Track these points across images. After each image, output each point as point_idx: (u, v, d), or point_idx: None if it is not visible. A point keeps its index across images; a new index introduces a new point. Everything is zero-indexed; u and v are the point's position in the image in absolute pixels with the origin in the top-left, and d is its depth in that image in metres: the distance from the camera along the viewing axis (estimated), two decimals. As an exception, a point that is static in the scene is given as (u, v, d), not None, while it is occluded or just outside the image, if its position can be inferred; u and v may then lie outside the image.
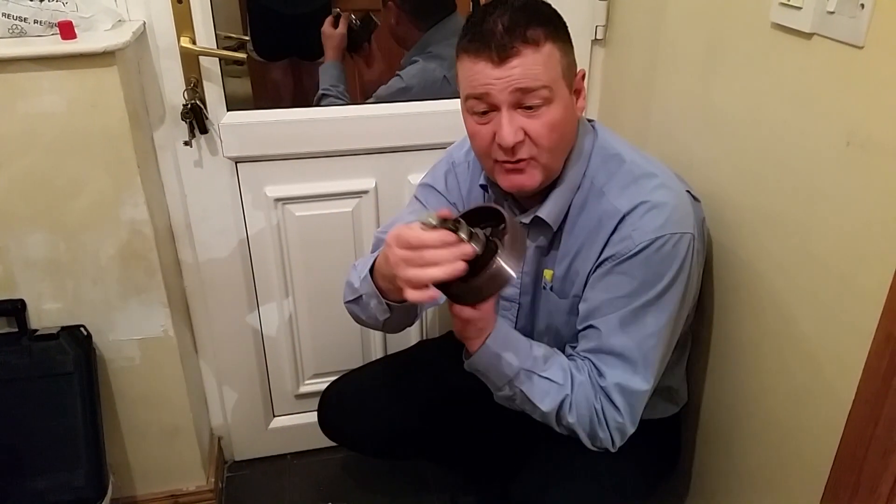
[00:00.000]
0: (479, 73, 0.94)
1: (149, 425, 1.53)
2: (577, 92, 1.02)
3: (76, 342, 1.33)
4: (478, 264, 0.87)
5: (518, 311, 1.18)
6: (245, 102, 1.58)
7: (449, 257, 0.83)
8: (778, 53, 0.98)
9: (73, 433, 1.31)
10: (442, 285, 0.87)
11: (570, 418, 1.02)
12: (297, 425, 1.79)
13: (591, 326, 1.04)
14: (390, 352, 1.71)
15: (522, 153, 0.98)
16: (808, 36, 0.91)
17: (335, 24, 1.63)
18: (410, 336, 1.74)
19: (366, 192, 1.56)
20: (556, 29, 0.96)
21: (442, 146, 1.47)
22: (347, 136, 1.50)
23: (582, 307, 1.06)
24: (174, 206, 1.48)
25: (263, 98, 1.85)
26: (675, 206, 1.01)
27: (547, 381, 1.02)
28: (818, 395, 0.95)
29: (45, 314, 1.35)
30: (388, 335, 1.75)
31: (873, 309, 0.80)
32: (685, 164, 1.21)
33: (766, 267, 1.04)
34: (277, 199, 1.53)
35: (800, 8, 0.91)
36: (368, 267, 1.05)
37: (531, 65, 0.93)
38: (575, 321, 1.09)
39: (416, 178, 1.56)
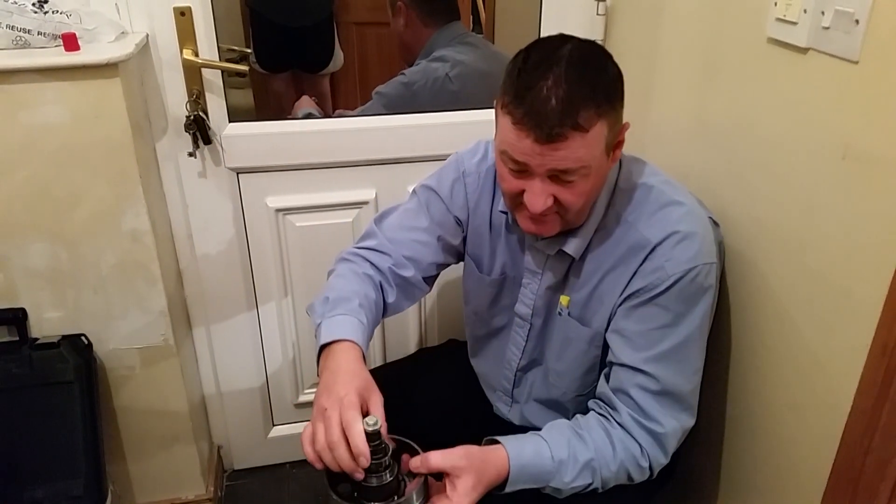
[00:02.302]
0: (521, 144, 0.90)
1: (148, 434, 1.53)
2: (617, 145, 0.97)
3: (77, 351, 1.33)
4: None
5: (529, 331, 1.17)
6: (247, 114, 1.59)
7: (346, 465, 0.85)
8: (774, 68, 0.99)
9: (72, 442, 1.31)
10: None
11: (610, 484, 1.02)
12: (297, 434, 1.76)
13: (630, 366, 1.01)
14: (389, 360, 1.72)
15: (548, 212, 0.96)
16: (804, 51, 0.92)
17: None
18: (409, 344, 1.75)
19: (366, 202, 1.57)
20: (611, 99, 0.91)
21: (442, 158, 1.47)
22: (348, 147, 1.51)
23: (614, 341, 1.04)
24: (175, 217, 1.49)
25: (265, 109, 1.86)
26: (704, 235, 1.00)
27: (589, 476, 1.00)
28: (815, 406, 0.96)
29: (46, 323, 1.35)
30: (387, 344, 1.75)
31: (870, 320, 0.80)
32: (681, 176, 1.21)
33: (763, 279, 1.05)
34: (278, 210, 1.54)
35: (795, 23, 0.92)
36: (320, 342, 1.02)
37: (576, 149, 0.89)
38: (595, 353, 1.08)
39: (416, 189, 1.57)
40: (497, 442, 0.99)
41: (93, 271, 1.34)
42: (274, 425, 1.80)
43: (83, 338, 1.36)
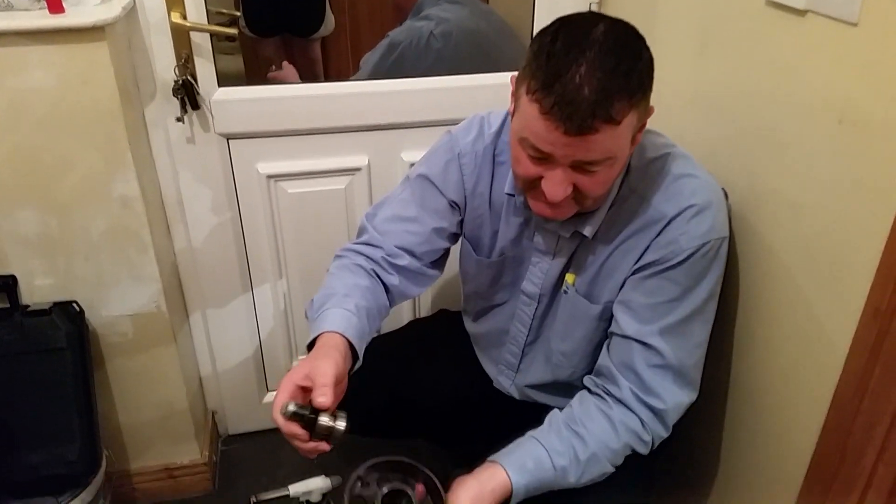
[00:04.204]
0: (547, 133, 0.85)
1: (142, 400, 1.53)
2: (640, 129, 0.93)
3: (68, 318, 1.32)
4: None
5: (536, 309, 1.15)
6: (237, 80, 1.57)
7: (302, 448, 0.89)
8: (771, 31, 0.98)
9: (66, 408, 1.31)
10: None
11: (619, 461, 1.02)
12: (291, 401, 1.80)
13: (634, 339, 1.00)
14: (382, 332, 1.71)
15: (566, 199, 0.92)
16: (802, 13, 0.91)
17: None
18: (402, 316, 1.75)
19: (358, 169, 1.56)
20: (644, 88, 0.87)
21: (435, 124, 1.47)
22: (340, 112, 1.49)
23: (620, 313, 1.03)
24: (166, 183, 1.47)
25: (255, 74, 1.83)
26: (718, 208, 0.98)
27: (595, 467, 1.01)
28: (807, 370, 0.96)
29: (37, 290, 1.35)
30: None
31: (862, 286, 0.80)
32: (682, 146, 1.20)
33: (758, 245, 1.05)
34: (270, 176, 1.52)
35: (794, -16, 0.91)
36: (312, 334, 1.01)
37: (605, 141, 0.85)
38: (604, 329, 1.07)
39: (409, 156, 1.55)
40: (496, 459, 0.99)
41: (83, 238, 1.33)
42: (269, 391, 1.81)
43: (75, 304, 1.35)
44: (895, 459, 0.76)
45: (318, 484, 1.28)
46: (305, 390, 0.89)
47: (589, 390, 1.07)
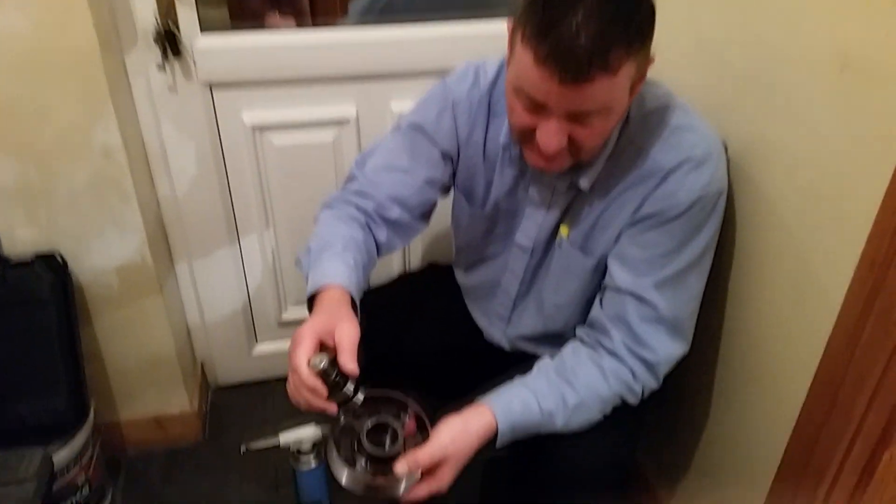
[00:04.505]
0: (541, 82, 0.82)
1: (130, 352, 1.53)
2: (639, 79, 0.90)
3: (51, 270, 1.30)
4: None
5: (529, 262, 1.14)
6: (221, 25, 1.51)
7: (314, 404, 0.89)
8: (773, -25, 0.95)
9: (51, 359, 1.30)
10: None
11: (608, 411, 1.02)
12: (282, 352, 1.78)
13: (628, 292, 1.00)
14: (371, 286, 1.71)
15: (561, 150, 0.90)
16: (805, -44, 0.88)
17: None
18: (392, 268, 1.74)
19: (347, 120, 1.53)
20: (643, 37, 0.84)
21: (427, 73, 1.43)
22: (327, 61, 1.45)
23: (614, 266, 1.02)
24: (148, 133, 1.44)
25: (240, 21, 1.77)
26: (718, 161, 0.97)
27: (583, 414, 1.01)
28: (800, 321, 0.96)
29: (19, 242, 1.32)
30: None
31: (859, 237, 0.80)
32: (677, 93, 1.18)
33: (755, 197, 1.04)
34: (255, 127, 1.49)
35: (798, -74, 0.88)
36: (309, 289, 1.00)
37: (601, 90, 0.82)
38: (598, 282, 1.06)
39: (398, 106, 1.52)
40: (482, 401, 0.99)
41: (65, 188, 1.30)
42: (258, 342, 1.81)
43: (58, 257, 1.33)
44: (885, 409, 0.77)
45: (308, 433, 1.28)
46: (321, 344, 0.91)
47: (581, 341, 1.07)
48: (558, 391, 1.00)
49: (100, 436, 1.48)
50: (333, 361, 0.88)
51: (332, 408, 0.89)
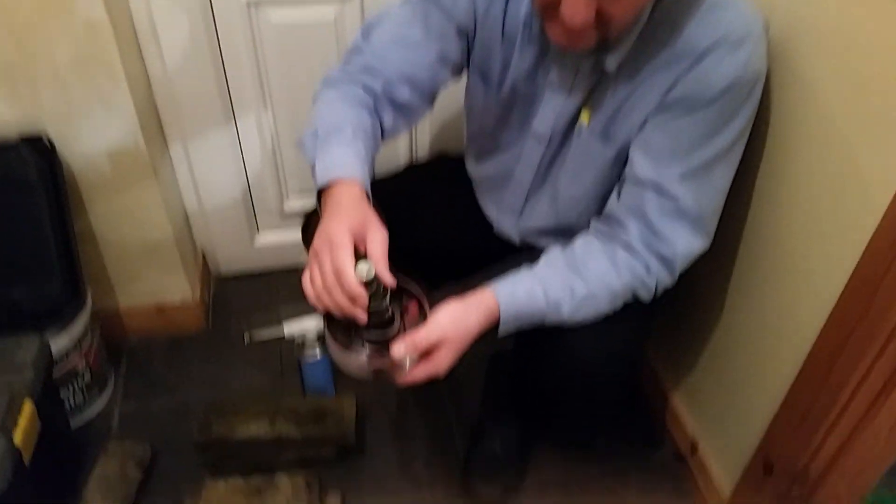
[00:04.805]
0: None
1: (127, 239, 1.48)
2: None
3: (38, 153, 1.23)
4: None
5: (545, 151, 1.06)
6: None
7: (347, 311, 0.85)
8: None
9: (44, 244, 1.25)
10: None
11: (618, 305, 0.98)
12: (285, 242, 1.76)
13: (649, 182, 0.93)
14: (377, 177, 1.64)
15: (587, 26, 0.81)
16: None
17: None
18: (399, 158, 1.67)
19: (349, -7, 1.40)
20: None
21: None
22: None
23: (636, 155, 0.94)
24: (136, 7, 1.32)
25: None
26: (757, 42, 0.88)
27: (591, 306, 0.96)
28: (838, 217, 0.90)
29: (2, 123, 1.24)
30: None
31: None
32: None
33: (797, 83, 0.95)
34: (250, 3, 1.37)
35: None
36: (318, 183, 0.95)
37: None
38: (618, 173, 0.99)
39: (406, -21, 1.39)
40: (486, 287, 0.94)
41: (47, 65, 1.21)
42: (259, 232, 1.76)
43: (45, 139, 1.25)
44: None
45: (313, 324, 1.26)
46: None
47: (594, 233, 1.01)
48: (566, 281, 0.95)
49: (99, 322, 1.46)
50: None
51: (363, 317, 0.86)
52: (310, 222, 1.30)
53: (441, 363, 0.89)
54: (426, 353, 0.89)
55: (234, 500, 1.23)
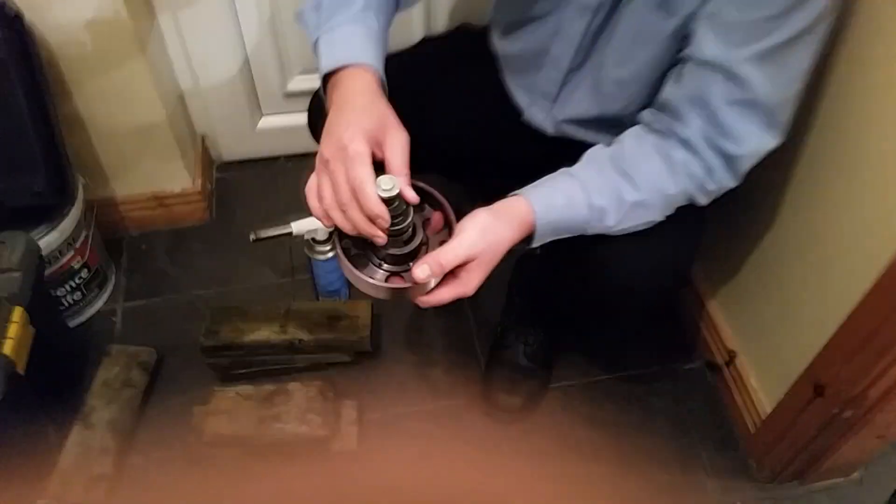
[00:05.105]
0: None
1: (118, 123, 1.34)
2: None
3: (3, 22, 1.07)
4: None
5: (590, 24, 0.89)
6: None
7: (364, 231, 0.73)
8: None
9: (22, 131, 1.11)
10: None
11: (671, 211, 0.86)
12: (289, 126, 1.60)
13: (717, 66, 0.78)
14: (390, 50, 1.46)
15: None
16: None
17: None
18: (413, 31, 1.48)
19: None
20: None
21: None
22: None
23: (702, 31, 0.79)
24: None
25: None
26: None
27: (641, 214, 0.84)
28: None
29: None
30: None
31: None
32: None
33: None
34: None
35: None
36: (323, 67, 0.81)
37: None
38: (677, 51, 0.83)
39: None
40: (519, 192, 0.82)
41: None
42: (263, 115, 1.61)
43: (8, 7, 1.08)
44: None
45: (322, 221, 1.15)
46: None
47: (645, 127, 0.87)
48: (613, 185, 0.82)
49: (94, 215, 1.35)
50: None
51: (382, 238, 0.74)
52: (317, 106, 1.14)
53: (470, 283, 0.79)
54: (452, 272, 0.78)
55: (245, 407, 1.17)
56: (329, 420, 1.17)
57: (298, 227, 1.25)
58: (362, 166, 0.72)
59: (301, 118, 1.13)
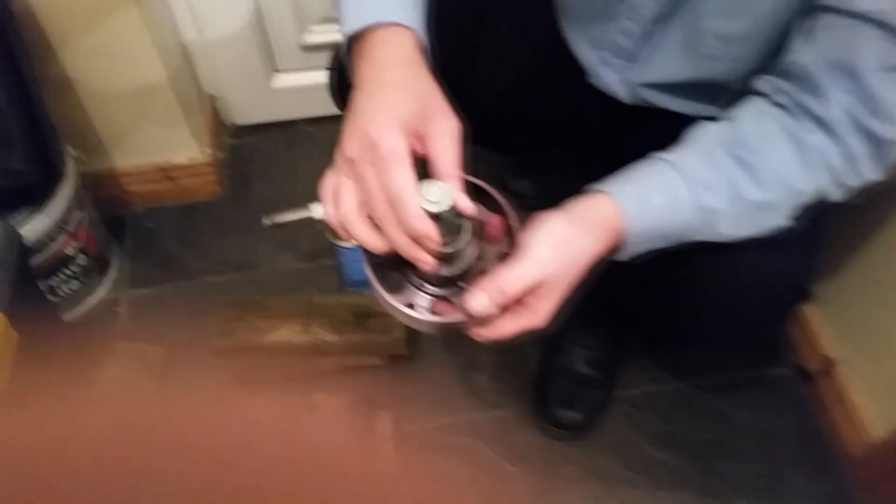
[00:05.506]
0: None
1: (110, 82, 1.17)
2: None
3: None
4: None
5: None
6: None
7: (402, 250, 0.56)
8: None
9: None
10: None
11: (799, 213, 0.66)
12: (308, 85, 1.41)
13: (867, 17, 0.58)
14: None
15: None
16: None
17: None
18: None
19: None
20: None
21: None
22: None
23: None
24: None
25: None
26: None
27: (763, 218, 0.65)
28: None
29: None
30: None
31: None
32: None
33: None
34: None
35: None
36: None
37: None
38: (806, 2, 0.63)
39: None
40: (601, 188, 0.64)
41: None
42: (277, 72, 1.41)
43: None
44: None
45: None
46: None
47: (766, 99, 0.66)
48: (729, 179, 0.63)
49: (89, 192, 1.19)
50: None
51: (430, 264, 0.57)
52: (340, 65, 0.93)
53: (541, 311, 0.61)
54: (520, 300, 0.60)
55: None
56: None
57: (319, 210, 1.08)
58: (400, 170, 0.54)
59: (321, 76, 0.94)
